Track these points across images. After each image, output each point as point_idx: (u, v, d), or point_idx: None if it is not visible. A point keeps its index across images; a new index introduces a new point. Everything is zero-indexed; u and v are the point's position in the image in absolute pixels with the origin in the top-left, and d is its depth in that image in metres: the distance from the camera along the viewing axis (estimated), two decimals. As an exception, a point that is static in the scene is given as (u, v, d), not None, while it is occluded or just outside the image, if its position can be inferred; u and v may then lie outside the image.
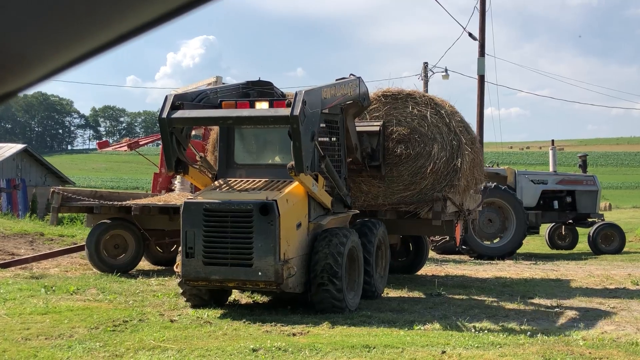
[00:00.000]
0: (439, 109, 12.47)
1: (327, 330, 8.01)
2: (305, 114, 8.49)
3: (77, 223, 25.40)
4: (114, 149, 21.81)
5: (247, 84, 10.86)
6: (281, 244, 8.60)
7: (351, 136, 11.59)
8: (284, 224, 8.68)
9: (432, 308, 9.91)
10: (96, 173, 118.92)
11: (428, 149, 12.29)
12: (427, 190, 12.15)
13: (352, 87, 10.86)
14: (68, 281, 11.81)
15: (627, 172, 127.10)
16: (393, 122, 12.53)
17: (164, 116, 9.02)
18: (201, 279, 8.93)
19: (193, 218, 8.94)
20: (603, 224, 21.56)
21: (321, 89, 9.46)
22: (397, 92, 12.74)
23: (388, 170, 12.42)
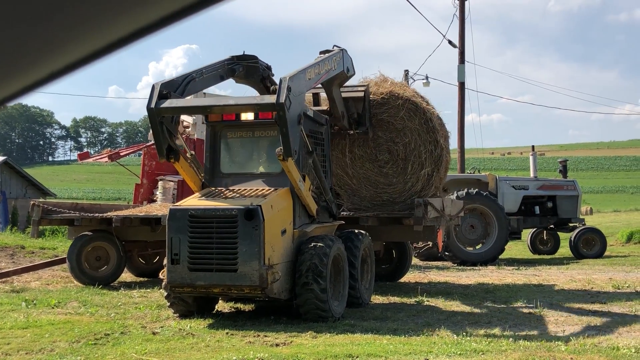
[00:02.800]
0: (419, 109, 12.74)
1: (310, 340, 7.99)
2: (291, 100, 8.65)
3: (58, 235, 25.20)
4: (95, 160, 21.68)
5: (232, 59, 10.92)
6: (266, 249, 8.65)
7: (337, 105, 11.82)
8: (269, 229, 8.73)
9: (416, 315, 9.92)
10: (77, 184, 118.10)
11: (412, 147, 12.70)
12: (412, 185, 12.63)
13: (337, 60, 10.97)
14: (49, 294, 11.71)
15: (608, 176, 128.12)
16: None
17: (152, 106, 9.09)
18: (186, 285, 8.94)
19: (178, 224, 8.96)
20: (584, 229, 21.72)
21: (305, 71, 9.54)
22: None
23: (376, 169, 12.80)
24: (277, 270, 8.78)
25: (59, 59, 1.00)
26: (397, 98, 12.69)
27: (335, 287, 9.73)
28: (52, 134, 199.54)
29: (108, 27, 0.95)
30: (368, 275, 11.18)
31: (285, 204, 9.34)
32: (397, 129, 12.71)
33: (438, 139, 12.57)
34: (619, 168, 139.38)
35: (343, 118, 12.09)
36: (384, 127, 12.79)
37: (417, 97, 12.89)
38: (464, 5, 27.85)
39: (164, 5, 0.92)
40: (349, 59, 11.60)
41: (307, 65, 9.77)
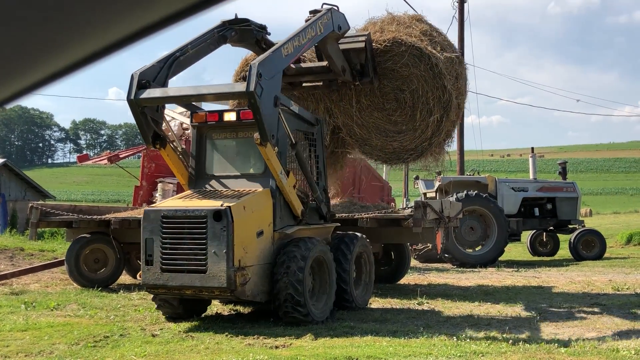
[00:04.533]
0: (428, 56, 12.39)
1: (310, 342, 7.98)
2: (263, 86, 8.57)
3: (57, 238, 25.19)
4: (94, 162, 21.70)
5: (222, 25, 10.75)
6: (235, 250, 8.57)
7: (335, 61, 11.73)
8: (240, 230, 8.67)
9: (415, 317, 9.91)
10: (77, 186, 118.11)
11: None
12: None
13: (324, 23, 10.76)
14: (48, 297, 11.70)
15: (607, 178, 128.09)
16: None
17: (132, 97, 9.10)
18: (159, 286, 8.94)
19: (152, 226, 8.99)
20: (584, 230, 21.71)
21: (280, 49, 9.34)
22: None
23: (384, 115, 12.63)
24: (247, 272, 8.68)
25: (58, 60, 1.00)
26: (401, 44, 12.32)
27: (319, 290, 9.68)
28: (52, 136, 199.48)
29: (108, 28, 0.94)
30: (365, 274, 11.13)
31: (263, 205, 9.24)
32: (403, 76, 12.39)
33: (445, 84, 12.19)
34: (619, 170, 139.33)
35: (344, 72, 11.95)
36: (389, 75, 12.49)
37: (423, 41, 12.46)
38: (463, 7, 27.86)
39: (163, 5, 0.92)
40: (339, 17, 11.35)
41: (282, 42, 9.56)
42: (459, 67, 12.93)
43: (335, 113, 12.87)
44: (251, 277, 8.77)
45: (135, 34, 0.97)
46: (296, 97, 13.09)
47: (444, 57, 12.40)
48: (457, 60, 13.00)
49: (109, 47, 0.98)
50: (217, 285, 8.58)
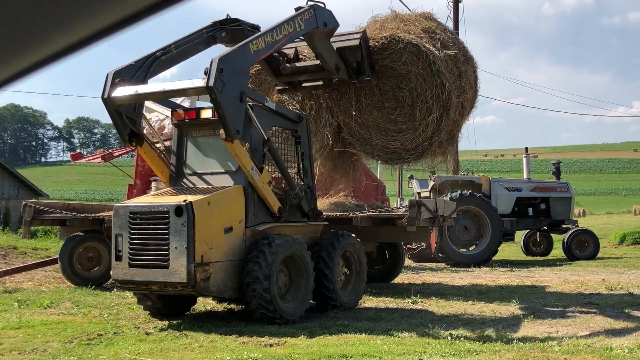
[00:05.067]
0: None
1: (304, 340, 7.97)
2: (224, 81, 8.53)
3: (51, 236, 25.15)
4: (88, 160, 21.63)
5: (213, 25, 10.73)
6: (196, 246, 8.55)
7: (327, 59, 11.56)
8: (202, 226, 8.65)
9: (409, 316, 9.91)
10: (70, 185, 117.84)
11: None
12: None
13: (305, 19, 10.57)
14: (42, 295, 11.67)
15: (601, 178, 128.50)
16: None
17: (104, 96, 9.21)
18: (128, 282, 9.04)
19: (121, 221, 9.08)
20: (577, 230, 21.77)
21: (248, 44, 9.25)
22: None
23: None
24: (210, 268, 8.65)
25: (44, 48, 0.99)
26: (398, 42, 12.08)
27: (295, 289, 9.63)
28: (45, 135, 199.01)
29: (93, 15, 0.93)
30: (355, 278, 10.97)
31: (232, 201, 9.22)
32: (402, 74, 12.16)
33: (444, 82, 11.92)
34: (612, 170, 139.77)
35: (339, 70, 11.78)
36: (388, 73, 12.27)
37: (422, 38, 12.19)
38: (458, 7, 27.91)
39: None
40: (325, 13, 11.08)
41: (252, 38, 9.48)
42: (463, 65, 12.67)
43: (335, 112, 12.74)
44: (217, 273, 8.78)
45: (123, 20, 0.96)
46: (299, 97, 13.05)
47: (444, 55, 12.15)
48: (461, 58, 12.74)
49: (94, 35, 0.98)
50: (178, 280, 8.60)
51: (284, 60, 12.08)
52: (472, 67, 13.20)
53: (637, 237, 26.54)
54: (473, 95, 13.33)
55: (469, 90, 12.88)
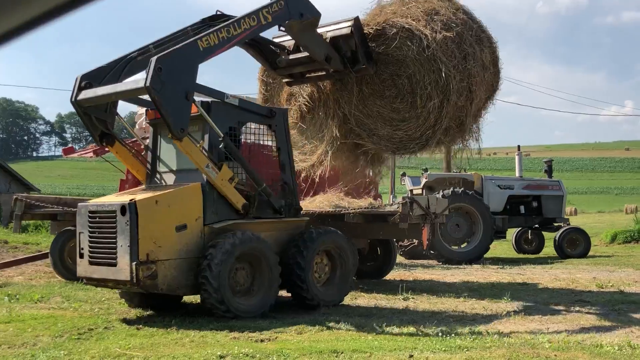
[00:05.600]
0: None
1: (295, 335, 7.98)
2: (163, 80, 8.52)
3: (42, 230, 25.04)
4: (80, 155, 21.57)
5: (201, 22, 10.61)
6: (140, 244, 8.66)
7: (315, 50, 11.29)
8: (148, 224, 8.76)
9: (400, 312, 9.92)
10: (62, 180, 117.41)
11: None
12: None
13: (272, 12, 10.24)
14: (32, 289, 11.63)
15: (592, 177, 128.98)
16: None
17: (72, 100, 9.46)
18: (89, 279, 9.30)
19: (82, 220, 9.38)
20: (569, 229, 21.82)
21: (196, 41, 9.17)
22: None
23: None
24: (155, 266, 8.72)
25: None
26: (392, 27, 11.52)
27: (257, 285, 9.53)
28: (37, 129, 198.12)
29: None
30: (341, 274, 10.64)
31: (186, 199, 9.28)
32: (399, 61, 11.56)
33: (440, 67, 11.19)
34: (604, 169, 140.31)
35: (331, 60, 11.43)
36: (385, 60, 11.68)
37: (419, 21, 11.41)
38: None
39: None
40: (300, 3, 10.63)
41: (201, 34, 9.38)
42: (470, 47, 11.72)
43: (341, 103, 12.28)
44: (167, 270, 8.87)
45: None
46: (307, 90, 12.74)
47: (442, 37, 11.31)
48: (469, 39, 11.76)
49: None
50: (124, 278, 8.74)
51: (282, 52, 11.84)
52: (489, 47, 12.29)
53: (628, 235, 26.60)
54: (491, 77, 12.40)
55: (481, 72, 11.90)
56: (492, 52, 12.39)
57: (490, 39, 12.43)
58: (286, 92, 12.96)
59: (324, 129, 12.37)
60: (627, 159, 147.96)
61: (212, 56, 9.42)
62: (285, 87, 12.97)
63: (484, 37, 12.23)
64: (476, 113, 12.30)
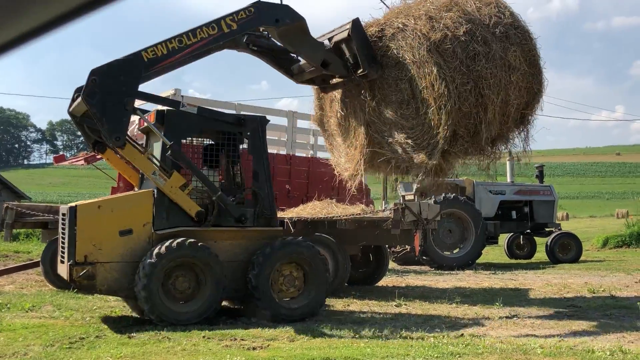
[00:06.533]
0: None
1: (288, 343, 7.96)
2: (97, 91, 8.87)
3: (33, 239, 24.94)
4: (71, 163, 21.47)
5: None
6: (78, 246, 9.07)
7: (307, 55, 10.96)
8: (87, 228, 9.15)
9: (393, 319, 9.92)
10: (53, 188, 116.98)
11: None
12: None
13: (237, 20, 9.98)
14: (23, 298, 11.56)
15: (584, 182, 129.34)
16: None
17: (69, 110, 10.09)
18: (63, 278, 9.88)
19: (61, 222, 10.03)
20: (560, 234, 21.88)
21: (140, 53, 9.32)
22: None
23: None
24: (91, 268, 9.05)
25: None
26: (390, 27, 10.86)
27: (200, 292, 9.45)
28: (28, 137, 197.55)
29: None
30: (312, 286, 10.02)
31: (133, 205, 9.53)
32: (398, 64, 10.82)
33: (432, 68, 10.23)
34: (595, 174, 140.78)
35: (329, 66, 11.00)
36: (387, 63, 10.97)
37: (419, 19, 10.53)
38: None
39: None
40: (274, 9, 10.22)
41: (149, 45, 9.44)
42: (483, 46, 10.44)
43: (363, 109, 11.52)
44: (108, 272, 9.19)
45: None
46: (337, 96, 12.18)
47: (441, 36, 10.33)
48: (485, 37, 10.54)
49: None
50: (66, 277, 9.33)
51: (296, 59, 11.49)
52: (520, 44, 10.88)
53: (620, 240, 26.70)
54: (525, 78, 10.89)
55: (501, 73, 10.55)
56: (526, 50, 10.97)
57: (524, 36, 11.02)
58: (328, 99, 12.40)
59: (355, 137, 11.81)
60: (618, 164, 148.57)
61: (159, 66, 9.47)
62: (329, 95, 12.37)
63: (512, 34, 10.86)
64: (504, 120, 10.84)
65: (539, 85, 11.19)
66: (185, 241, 9.28)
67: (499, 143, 11.09)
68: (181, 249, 9.22)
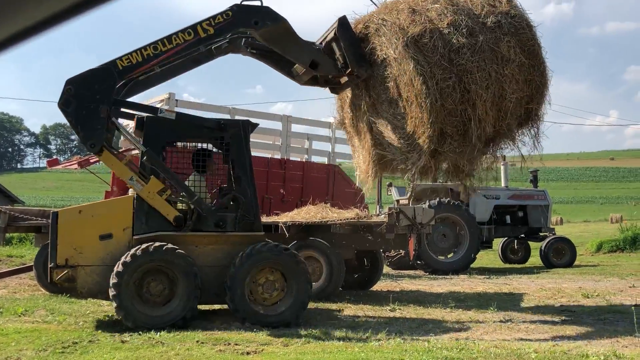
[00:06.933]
0: None
1: (282, 348, 7.93)
2: (72, 100, 9.20)
3: (26, 243, 24.84)
4: (64, 167, 21.39)
5: None
6: (59, 249, 9.42)
7: (294, 58, 10.84)
8: (68, 232, 9.49)
9: (387, 323, 9.90)
10: (46, 192, 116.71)
11: None
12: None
13: (214, 25, 9.89)
14: (16, 302, 11.51)
15: (578, 187, 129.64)
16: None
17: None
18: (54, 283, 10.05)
19: None
20: (554, 238, 21.91)
21: (115, 61, 9.49)
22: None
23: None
24: (71, 270, 9.37)
25: None
26: (373, 23, 10.51)
27: (173, 296, 9.48)
28: (21, 141, 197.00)
29: None
30: (291, 293, 9.71)
31: (114, 210, 9.82)
32: (383, 61, 10.42)
33: (409, 64, 9.78)
34: (589, 179, 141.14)
35: (317, 66, 10.75)
36: (374, 61, 10.60)
37: (400, 13, 10.18)
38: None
39: None
40: (251, 13, 9.99)
41: (122, 55, 9.58)
42: (469, 37, 9.97)
43: (365, 109, 11.22)
44: (89, 276, 9.46)
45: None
46: (347, 98, 11.91)
47: (422, 29, 9.86)
48: (472, 28, 10.01)
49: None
50: (48, 280, 9.78)
51: None
52: (516, 34, 10.17)
53: (614, 245, 26.77)
54: (522, 71, 10.16)
55: (492, 66, 9.90)
56: (524, 39, 10.22)
57: (520, 25, 10.25)
58: (345, 100, 12.09)
59: (364, 138, 11.53)
60: (612, 169, 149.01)
61: (135, 74, 9.64)
62: (342, 95, 12.08)
63: (506, 23, 10.11)
64: (501, 116, 10.15)
65: (542, 77, 10.41)
66: (150, 246, 9.31)
67: (501, 141, 10.50)
68: (149, 254, 9.27)
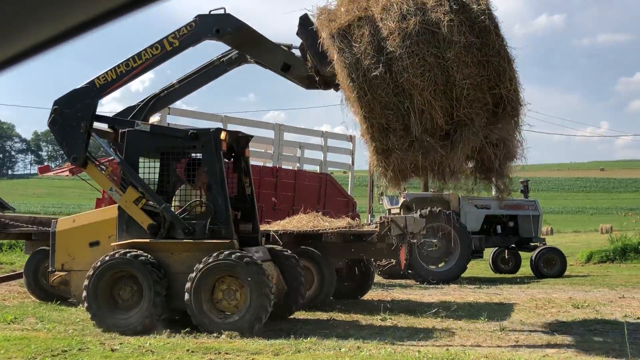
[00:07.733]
0: None
1: (272, 357, 7.92)
2: (59, 118, 9.94)
3: (16, 250, 24.74)
4: (56, 173, 21.38)
5: (229, 51, 11.16)
6: (56, 255, 10.75)
7: (266, 62, 10.81)
8: (63, 239, 10.80)
9: (378, 333, 9.89)
10: (37, 198, 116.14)
11: None
12: None
13: (179, 37, 10.09)
14: (5, 310, 11.46)
15: (568, 197, 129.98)
16: None
17: None
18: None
19: None
20: (545, 248, 21.95)
21: (93, 81, 10.16)
22: None
23: None
24: (65, 275, 10.59)
25: None
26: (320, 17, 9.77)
27: (139, 303, 9.74)
28: (13, 147, 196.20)
29: None
30: (252, 302, 9.48)
31: (101, 219, 10.87)
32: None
33: (334, 56, 9.17)
34: (579, 189, 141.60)
35: (290, 69, 10.58)
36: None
37: (366, 10, 9.28)
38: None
39: None
40: (210, 21, 10.06)
41: (99, 74, 10.22)
42: (399, 22, 8.96)
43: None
44: (80, 280, 10.04)
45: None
46: None
47: (346, 20, 9.20)
48: (398, 13, 8.99)
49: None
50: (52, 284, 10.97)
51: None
52: (456, 11, 8.96)
53: (604, 255, 26.82)
54: (461, 54, 8.92)
55: (424, 51, 8.86)
56: (472, 17, 9.01)
57: (480, 23, 9.01)
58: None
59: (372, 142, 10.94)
60: (602, 179, 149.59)
61: (110, 90, 10.36)
62: None
63: (448, 0, 9.03)
64: (455, 105, 9.05)
65: (500, 57, 9.02)
66: (116, 253, 9.83)
67: (466, 134, 9.13)
68: (112, 262, 9.76)
